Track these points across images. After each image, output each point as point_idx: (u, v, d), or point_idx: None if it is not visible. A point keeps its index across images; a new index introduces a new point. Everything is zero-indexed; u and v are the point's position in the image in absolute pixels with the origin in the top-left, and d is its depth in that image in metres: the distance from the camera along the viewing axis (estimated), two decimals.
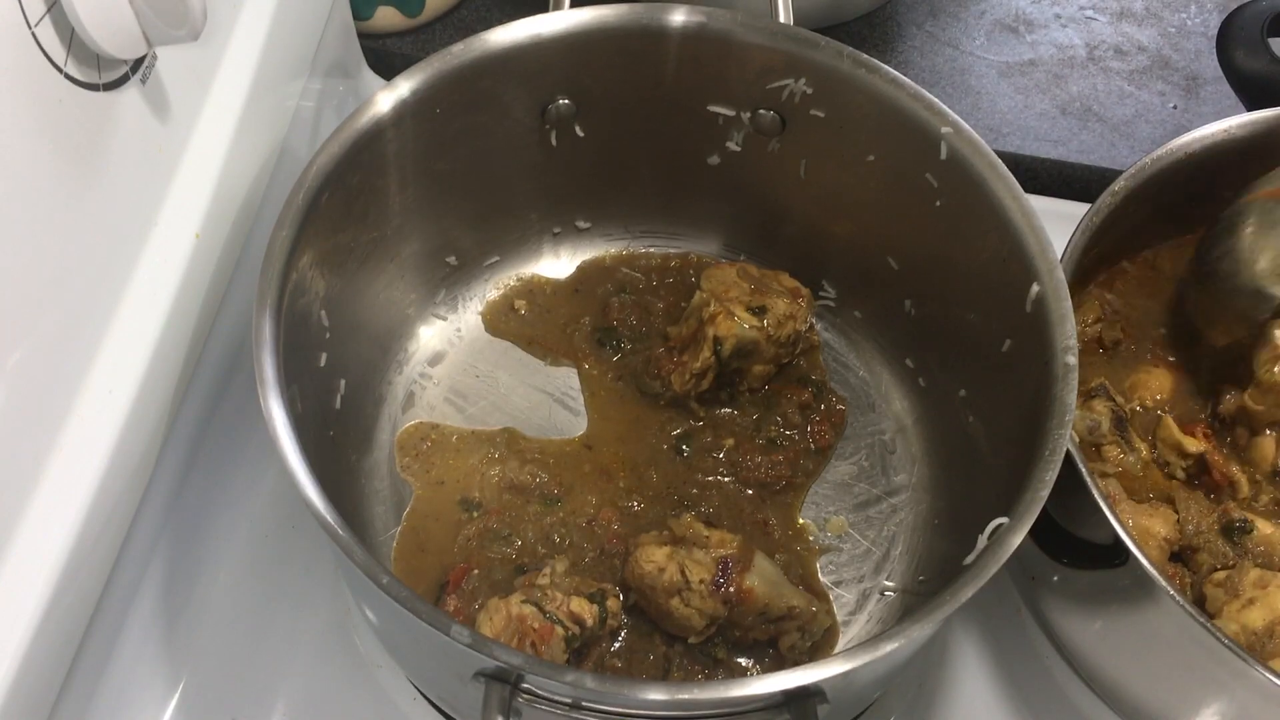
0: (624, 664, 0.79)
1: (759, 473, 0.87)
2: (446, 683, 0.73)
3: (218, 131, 0.77)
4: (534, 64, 0.82)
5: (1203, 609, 0.75)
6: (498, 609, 0.75)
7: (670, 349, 0.89)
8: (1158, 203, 0.86)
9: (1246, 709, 0.70)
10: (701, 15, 0.82)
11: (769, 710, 0.60)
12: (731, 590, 0.75)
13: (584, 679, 0.58)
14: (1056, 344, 0.71)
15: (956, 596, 0.61)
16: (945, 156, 0.78)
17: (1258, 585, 0.75)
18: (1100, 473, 0.82)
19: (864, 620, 0.83)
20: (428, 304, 0.93)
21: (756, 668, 0.79)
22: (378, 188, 0.80)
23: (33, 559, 0.63)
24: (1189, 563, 0.80)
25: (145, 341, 0.70)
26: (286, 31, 0.85)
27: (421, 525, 0.84)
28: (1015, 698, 0.83)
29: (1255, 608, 0.74)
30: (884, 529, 0.87)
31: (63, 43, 0.59)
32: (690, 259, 0.98)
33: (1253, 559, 0.78)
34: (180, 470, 0.85)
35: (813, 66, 0.82)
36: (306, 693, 0.81)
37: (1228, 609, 0.75)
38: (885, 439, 0.91)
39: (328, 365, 0.77)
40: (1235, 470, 0.83)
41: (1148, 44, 1.21)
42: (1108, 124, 1.15)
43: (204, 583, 0.84)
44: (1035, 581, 0.81)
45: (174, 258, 0.73)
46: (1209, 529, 0.79)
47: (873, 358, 0.94)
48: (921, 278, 0.87)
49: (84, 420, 0.66)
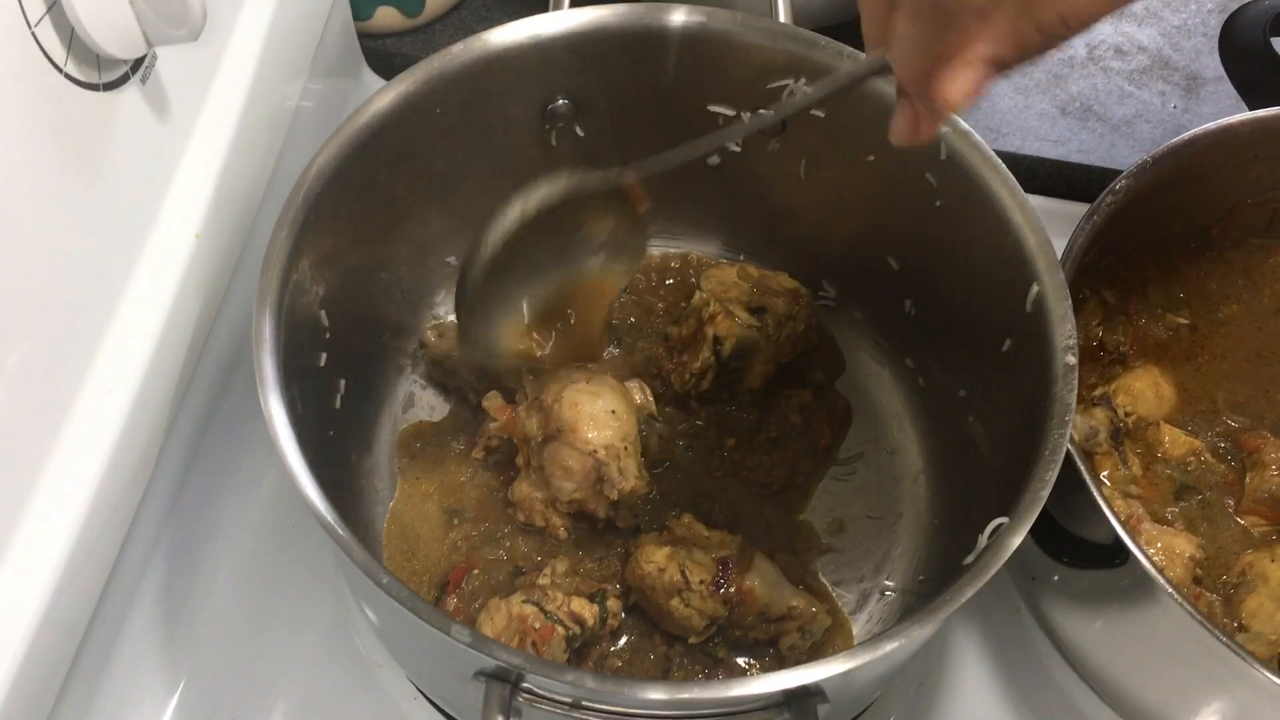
0: (624, 664, 0.79)
1: (759, 473, 0.87)
2: (447, 682, 0.73)
3: (218, 131, 0.77)
4: (534, 64, 0.82)
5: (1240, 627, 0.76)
6: (498, 609, 0.75)
7: (670, 349, 0.89)
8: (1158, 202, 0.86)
9: (1246, 709, 0.70)
10: (701, 15, 0.82)
11: (769, 710, 0.60)
12: (731, 590, 0.75)
13: (584, 678, 0.58)
14: (1056, 344, 0.71)
15: (956, 596, 0.61)
16: (945, 156, 0.78)
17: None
18: (1124, 494, 0.82)
19: (864, 620, 0.83)
20: (427, 304, 0.93)
21: (756, 667, 0.79)
22: (378, 187, 0.80)
23: (33, 559, 0.63)
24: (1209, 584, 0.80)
25: (145, 341, 0.70)
26: (286, 31, 0.85)
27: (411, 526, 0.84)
28: (1015, 697, 0.83)
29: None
30: (884, 529, 0.86)
31: (63, 43, 0.59)
32: (690, 259, 0.98)
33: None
34: (180, 470, 0.85)
35: (813, 66, 0.81)
36: (306, 693, 0.81)
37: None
38: (885, 439, 0.91)
39: (328, 365, 0.77)
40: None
41: (1148, 44, 1.21)
42: (1108, 124, 1.14)
43: (204, 583, 0.84)
44: (1035, 581, 0.81)
45: (174, 258, 0.73)
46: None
47: (873, 358, 0.94)
48: (921, 278, 0.87)
49: (84, 420, 0.66)
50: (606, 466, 0.77)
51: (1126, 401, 0.86)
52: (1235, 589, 0.79)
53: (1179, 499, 0.84)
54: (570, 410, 0.77)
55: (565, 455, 0.77)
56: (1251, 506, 0.83)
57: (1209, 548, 0.81)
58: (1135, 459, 0.84)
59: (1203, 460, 0.85)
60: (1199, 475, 0.85)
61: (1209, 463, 0.85)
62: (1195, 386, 0.89)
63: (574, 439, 0.77)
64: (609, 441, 0.77)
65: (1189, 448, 0.85)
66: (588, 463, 0.77)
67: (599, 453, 0.77)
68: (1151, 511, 0.81)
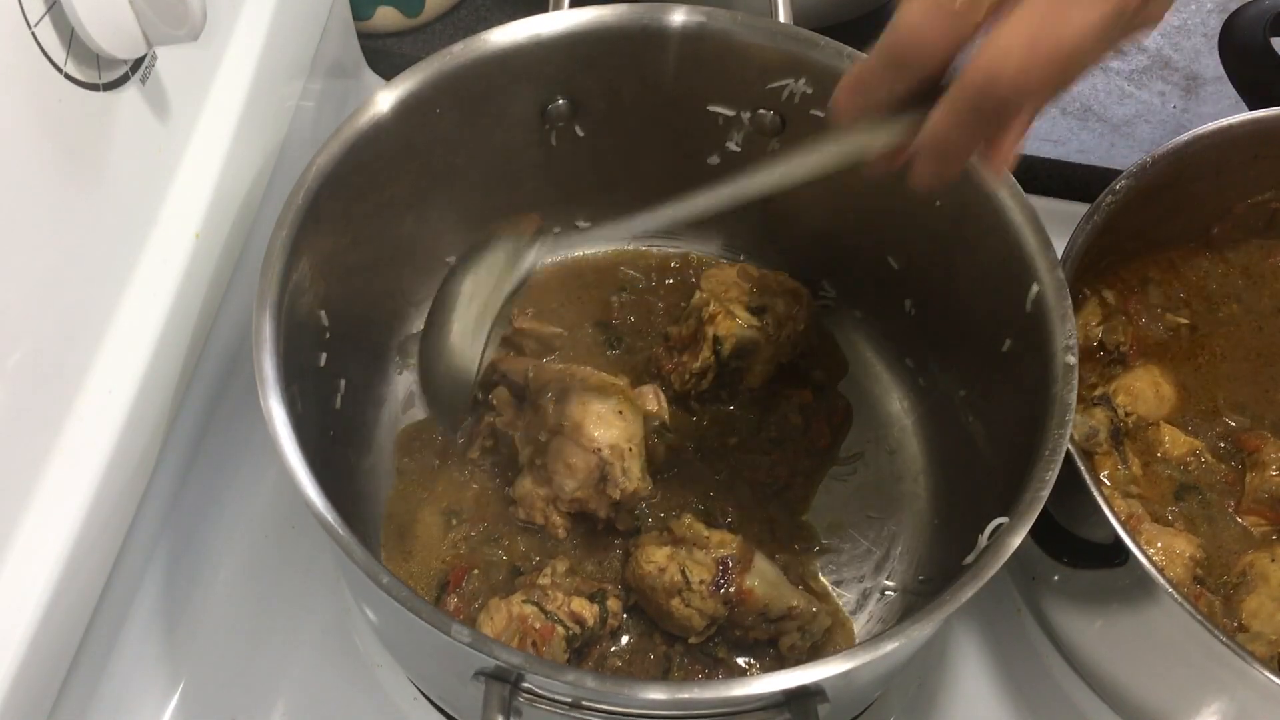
0: (624, 664, 0.79)
1: (759, 473, 0.87)
2: (447, 682, 0.73)
3: (218, 131, 0.77)
4: (534, 64, 0.82)
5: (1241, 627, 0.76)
6: (498, 609, 0.75)
7: (670, 349, 0.89)
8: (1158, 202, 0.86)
9: (1246, 709, 0.70)
10: (701, 15, 0.82)
11: (769, 710, 0.60)
12: (731, 590, 0.75)
13: (584, 678, 0.58)
14: (1056, 344, 0.71)
15: (956, 596, 0.61)
16: None
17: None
18: (1124, 494, 0.82)
19: (864, 620, 0.83)
20: (427, 304, 0.92)
21: (756, 667, 0.79)
22: (378, 188, 0.80)
23: (33, 559, 0.63)
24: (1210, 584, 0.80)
25: (145, 341, 0.70)
26: (286, 31, 0.85)
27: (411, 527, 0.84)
28: (1015, 697, 0.83)
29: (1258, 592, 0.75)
30: (884, 529, 0.86)
31: (63, 43, 0.59)
32: (690, 259, 0.98)
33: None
34: (180, 470, 0.85)
35: (813, 66, 0.81)
36: (306, 693, 0.81)
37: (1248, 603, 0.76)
38: (885, 439, 0.91)
39: (328, 365, 0.77)
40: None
41: (1148, 44, 1.21)
42: (1108, 124, 1.14)
43: (204, 583, 0.84)
44: (1035, 581, 0.81)
45: (174, 258, 0.73)
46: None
47: (873, 358, 0.94)
48: (921, 278, 0.87)
49: (84, 420, 0.66)
50: (610, 466, 0.77)
51: (1126, 401, 0.86)
52: (1235, 589, 0.79)
53: (1179, 499, 0.84)
54: (578, 408, 0.78)
55: (570, 452, 0.77)
56: (1251, 506, 0.83)
57: (1209, 548, 0.81)
58: (1135, 459, 0.84)
59: (1203, 460, 0.85)
60: (1199, 475, 0.85)
61: (1209, 463, 0.85)
62: (1195, 386, 0.89)
63: (579, 436, 0.77)
64: (614, 441, 0.77)
65: (1189, 448, 0.85)
66: (591, 461, 0.77)
67: (603, 451, 0.77)
68: (1151, 511, 0.81)
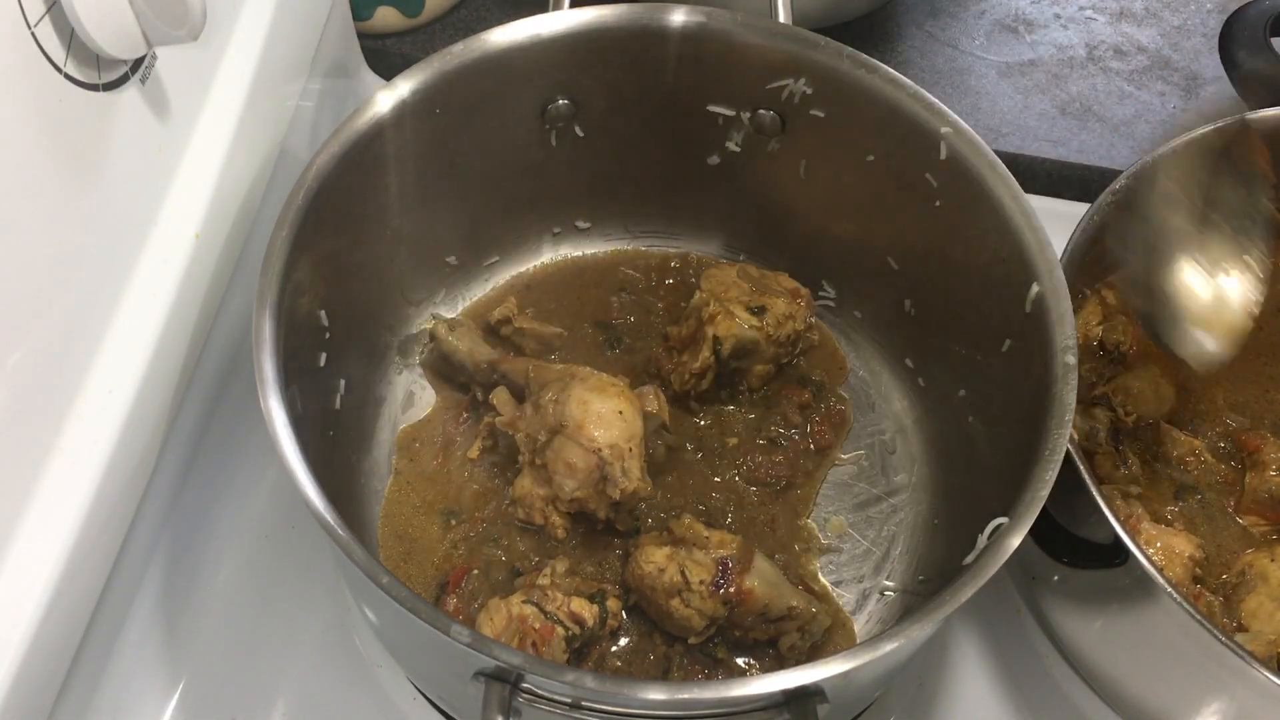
0: (624, 664, 0.79)
1: (759, 473, 0.87)
2: (446, 683, 0.73)
3: (218, 131, 0.77)
4: (534, 64, 0.82)
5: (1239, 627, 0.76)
6: (498, 609, 0.75)
7: (670, 349, 0.89)
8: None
9: (1246, 709, 0.70)
10: (701, 15, 0.82)
11: (769, 710, 0.60)
12: (731, 591, 0.75)
13: (584, 678, 0.58)
14: (1056, 344, 0.71)
15: (956, 596, 0.61)
16: (945, 156, 0.78)
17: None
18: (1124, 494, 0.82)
19: (864, 620, 0.83)
20: (427, 304, 0.93)
21: (756, 667, 0.79)
22: (378, 188, 0.80)
23: (33, 559, 0.63)
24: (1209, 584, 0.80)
25: (145, 341, 0.70)
26: (286, 31, 0.85)
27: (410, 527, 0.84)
28: (1015, 698, 0.83)
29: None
30: (884, 529, 0.86)
31: (63, 43, 0.59)
32: (690, 259, 0.98)
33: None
34: (180, 470, 0.85)
35: (813, 66, 0.82)
36: (306, 693, 0.81)
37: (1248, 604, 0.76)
38: (885, 439, 0.91)
39: (328, 365, 0.77)
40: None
41: (1148, 44, 1.21)
42: (1107, 124, 1.15)
43: (204, 583, 0.84)
44: (1035, 581, 0.81)
45: (174, 258, 0.73)
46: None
47: (873, 358, 0.94)
48: (921, 278, 0.87)
49: (84, 420, 0.66)
50: (610, 466, 0.77)
51: (1126, 401, 0.86)
52: (1235, 589, 0.79)
53: (1179, 499, 0.84)
54: (578, 408, 0.78)
55: (570, 452, 0.77)
56: (1251, 506, 0.83)
57: (1209, 548, 0.81)
58: (1135, 459, 0.84)
59: (1203, 460, 0.85)
60: (1199, 475, 0.85)
61: (1209, 463, 0.85)
62: (1195, 386, 0.89)
63: (580, 436, 0.77)
64: (614, 441, 0.77)
65: (1189, 448, 0.85)
66: (591, 460, 0.77)
67: (603, 451, 0.77)
68: (1151, 511, 0.81)
